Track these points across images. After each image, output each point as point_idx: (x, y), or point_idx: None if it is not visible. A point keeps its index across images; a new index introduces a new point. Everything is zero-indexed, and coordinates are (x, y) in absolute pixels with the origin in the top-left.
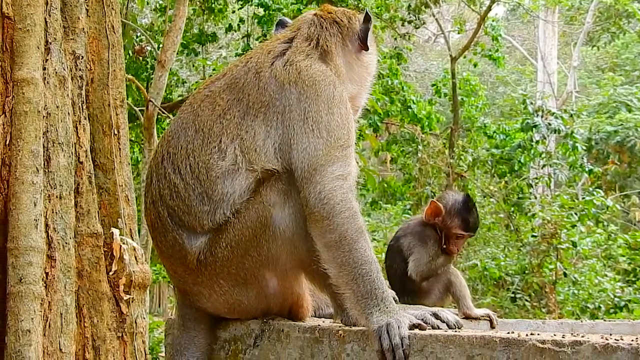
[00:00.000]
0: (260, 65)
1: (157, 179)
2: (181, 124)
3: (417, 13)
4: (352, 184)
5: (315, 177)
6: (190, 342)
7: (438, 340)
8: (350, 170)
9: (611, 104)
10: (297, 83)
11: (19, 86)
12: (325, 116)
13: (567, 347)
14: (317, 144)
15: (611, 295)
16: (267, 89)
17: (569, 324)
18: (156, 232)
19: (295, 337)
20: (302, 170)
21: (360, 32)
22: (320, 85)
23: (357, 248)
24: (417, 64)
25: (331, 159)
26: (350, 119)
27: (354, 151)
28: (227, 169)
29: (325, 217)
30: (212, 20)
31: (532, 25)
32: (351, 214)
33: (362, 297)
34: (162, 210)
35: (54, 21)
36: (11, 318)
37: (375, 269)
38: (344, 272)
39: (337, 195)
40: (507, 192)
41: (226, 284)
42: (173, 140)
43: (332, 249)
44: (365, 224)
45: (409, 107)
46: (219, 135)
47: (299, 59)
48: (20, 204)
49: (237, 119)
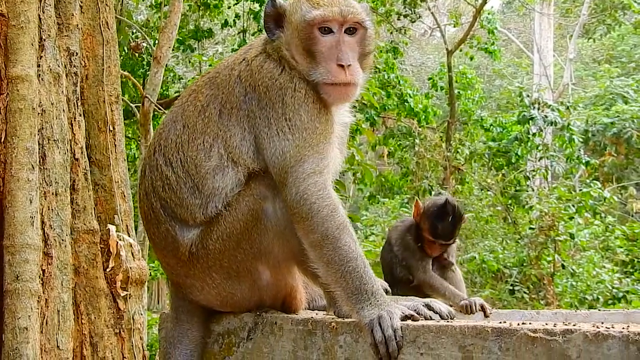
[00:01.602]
0: (234, 61)
1: (150, 170)
2: (172, 117)
3: (412, 7)
4: (327, 178)
5: (289, 180)
6: (183, 335)
7: (430, 330)
8: (325, 163)
9: (607, 95)
10: (255, 88)
11: (13, 83)
12: (286, 121)
13: (559, 335)
14: (284, 146)
15: (609, 287)
16: (234, 91)
17: (563, 314)
18: (149, 224)
19: (288, 329)
20: (276, 174)
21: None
22: (274, 89)
23: (341, 245)
24: (413, 58)
25: (301, 159)
26: (315, 114)
27: (330, 142)
28: (215, 167)
29: (305, 217)
30: (208, 16)
31: (527, 17)
32: (329, 211)
33: (352, 293)
34: (155, 202)
35: (47, 18)
36: (8, 316)
37: (362, 263)
38: (332, 270)
39: (313, 194)
40: (504, 184)
41: (218, 277)
42: (164, 133)
43: (317, 248)
44: (346, 218)
45: (405, 101)
46: (202, 132)
47: (252, 56)
48: (16, 202)
49: (215, 117)
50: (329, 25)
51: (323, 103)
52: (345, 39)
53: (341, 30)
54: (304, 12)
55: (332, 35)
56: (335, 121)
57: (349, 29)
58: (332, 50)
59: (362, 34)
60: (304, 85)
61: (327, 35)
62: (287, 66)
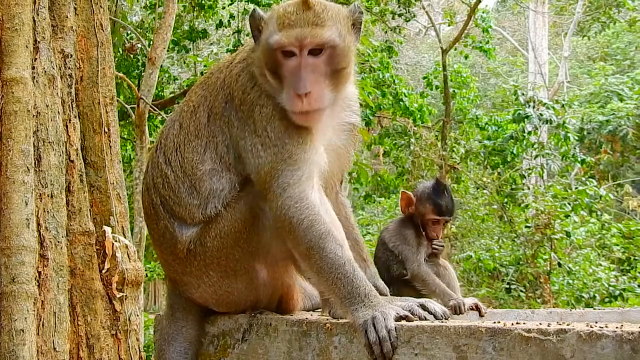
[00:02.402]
0: (225, 63)
1: (152, 167)
2: (173, 115)
3: (407, 6)
4: (305, 188)
5: (268, 195)
6: (178, 333)
7: (425, 331)
8: (300, 174)
9: (602, 93)
10: (233, 97)
11: (8, 86)
12: (257, 137)
13: (552, 335)
14: (257, 164)
15: (606, 285)
16: (218, 96)
17: (558, 313)
18: (149, 220)
19: (283, 330)
20: (258, 189)
21: None
22: (246, 104)
23: (327, 253)
24: (408, 57)
25: (275, 174)
26: (282, 130)
27: (305, 150)
28: (210, 170)
29: (288, 231)
30: (203, 17)
31: (522, 16)
32: (309, 222)
33: (344, 297)
34: (155, 198)
35: (42, 20)
36: (4, 318)
37: (351, 267)
38: (322, 278)
39: (290, 208)
40: (500, 183)
41: (215, 275)
42: (165, 131)
43: (305, 259)
44: (329, 224)
45: (400, 100)
46: (195, 135)
47: (236, 62)
48: (12, 204)
49: (204, 120)
50: (290, 49)
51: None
52: (309, 62)
53: (303, 53)
54: (269, 34)
55: (294, 59)
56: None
57: (313, 51)
58: (293, 76)
59: (329, 53)
60: (270, 102)
61: (290, 59)
62: (261, 80)
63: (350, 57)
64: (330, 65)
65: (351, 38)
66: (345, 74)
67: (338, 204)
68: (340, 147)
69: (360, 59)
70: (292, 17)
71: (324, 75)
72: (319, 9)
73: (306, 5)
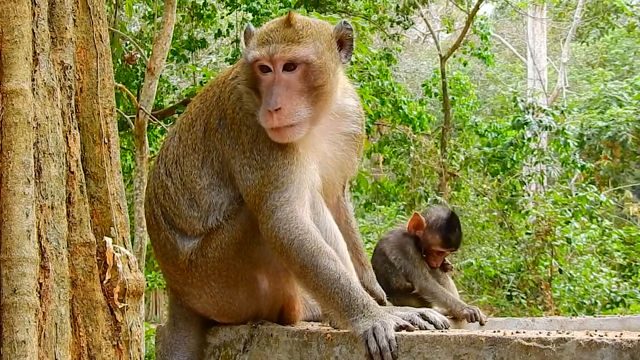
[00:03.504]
0: (220, 79)
1: (154, 177)
2: (175, 126)
3: (405, 14)
4: (293, 208)
5: (258, 216)
6: (180, 342)
7: (425, 340)
8: (287, 195)
9: (602, 99)
10: (225, 115)
11: (8, 98)
12: (245, 158)
13: (552, 344)
14: (246, 186)
15: (607, 291)
16: (212, 113)
17: (559, 321)
18: (151, 230)
19: (284, 341)
20: (249, 207)
21: None
22: (235, 123)
23: (321, 270)
24: (407, 65)
25: (262, 197)
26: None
27: (292, 170)
28: (208, 185)
29: (280, 252)
30: (201, 26)
31: (520, 22)
32: (299, 242)
33: (343, 310)
34: (156, 209)
35: (41, 32)
36: (6, 329)
37: (347, 281)
38: (320, 294)
39: (280, 230)
40: (500, 190)
41: (217, 286)
42: (167, 142)
43: (300, 278)
44: (320, 240)
45: (400, 107)
46: (192, 149)
47: (229, 79)
48: (13, 215)
49: (201, 134)
50: (264, 63)
51: None
52: (283, 77)
53: (277, 68)
54: (248, 50)
55: (270, 75)
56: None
57: (287, 66)
58: (267, 91)
59: (303, 69)
60: (255, 122)
61: (266, 75)
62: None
63: (328, 74)
64: (306, 81)
65: (331, 55)
66: (325, 91)
67: (340, 209)
68: (340, 156)
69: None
70: (272, 33)
71: (299, 91)
72: (299, 26)
73: (288, 23)
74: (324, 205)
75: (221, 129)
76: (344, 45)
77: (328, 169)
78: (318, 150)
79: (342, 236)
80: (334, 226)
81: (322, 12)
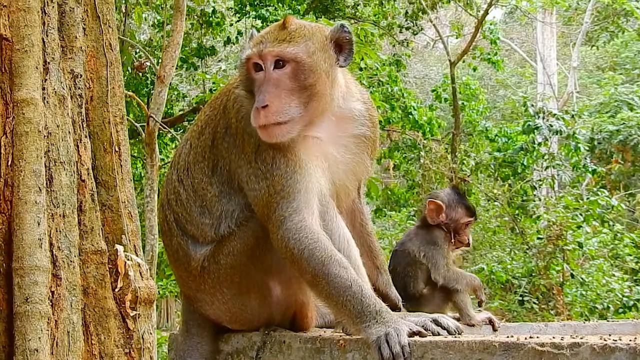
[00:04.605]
0: (229, 87)
1: (167, 183)
2: (188, 133)
3: (414, 19)
4: (303, 217)
5: (268, 227)
6: (193, 349)
7: (438, 346)
8: (295, 205)
9: (612, 103)
10: (230, 125)
11: (19, 107)
12: (251, 168)
13: (566, 349)
14: (254, 196)
15: (619, 295)
16: (219, 122)
17: (572, 326)
18: (164, 236)
19: (296, 347)
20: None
21: None
22: (239, 132)
23: (332, 278)
24: (416, 70)
25: (272, 207)
26: (269, 161)
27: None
28: (219, 192)
29: (291, 262)
30: (210, 34)
31: (530, 27)
32: (309, 252)
33: (356, 317)
34: (169, 215)
35: (51, 41)
36: (18, 338)
37: (359, 288)
38: (332, 302)
39: (290, 240)
40: (511, 195)
41: (229, 292)
42: (180, 149)
43: (312, 286)
44: (330, 248)
45: (409, 113)
46: (202, 157)
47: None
48: (24, 224)
49: (209, 142)
50: (255, 61)
51: (279, 145)
52: (273, 75)
53: (268, 66)
54: (242, 51)
55: (262, 73)
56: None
57: (277, 64)
58: (258, 90)
59: (293, 67)
60: (255, 129)
61: (258, 74)
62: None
63: (320, 74)
64: (296, 80)
65: (324, 55)
66: (316, 91)
67: (354, 212)
68: (351, 159)
69: (368, 73)
70: (266, 35)
71: (290, 90)
72: (293, 27)
73: (283, 26)
74: (335, 210)
75: (227, 138)
76: (342, 48)
77: (339, 173)
78: (326, 155)
79: (354, 242)
80: (345, 232)
81: (331, 19)
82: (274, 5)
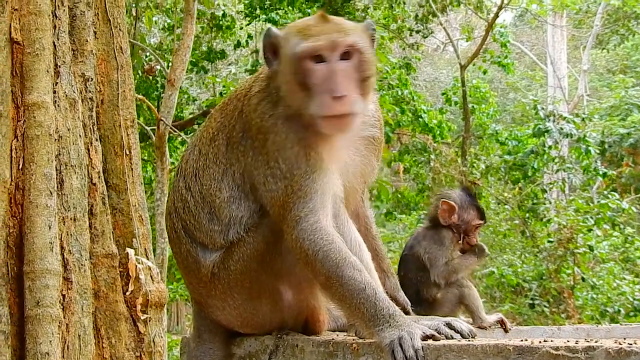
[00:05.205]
0: (242, 92)
1: (174, 190)
2: (195, 139)
3: (424, 22)
4: (318, 218)
5: (283, 227)
6: (205, 354)
7: (452, 350)
8: (311, 206)
9: (623, 106)
10: (250, 127)
11: (30, 110)
12: (270, 169)
13: (581, 353)
14: (271, 197)
15: (630, 299)
16: (235, 126)
17: (585, 329)
18: (172, 243)
19: (309, 351)
20: (273, 219)
21: None
22: (261, 133)
23: (346, 281)
24: (426, 73)
25: (287, 207)
26: (293, 160)
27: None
28: (228, 198)
29: (305, 263)
30: (221, 37)
31: (540, 30)
32: (324, 253)
33: (369, 320)
34: (177, 222)
35: (62, 44)
36: (30, 341)
37: (372, 291)
38: (345, 305)
39: (305, 241)
40: (521, 198)
41: (240, 298)
42: (186, 155)
43: (325, 289)
44: (344, 250)
45: (419, 116)
46: (213, 162)
47: (254, 92)
48: (35, 228)
49: (223, 148)
50: (320, 53)
51: (304, 143)
52: (340, 67)
53: (334, 57)
54: (294, 45)
55: (325, 65)
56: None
57: (343, 55)
58: (326, 81)
59: (358, 58)
60: (285, 130)
61: (320, 64)
62: (280, 105)
63: (374, 67)
64: (359, 71)
65: (370, 49)
66: (370, 84)
67: (359, 216)
68: (360, 161)
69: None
70: (315, 28)
71: (354, 81)
72: (338, 21)
73: (325, 18)
74: (346, 214)
75: (244, 141)
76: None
77: (348, 175)
78: (340, 158)
79: (365, 245)
80: (357, 235)
81: None
82: (284, 8)
